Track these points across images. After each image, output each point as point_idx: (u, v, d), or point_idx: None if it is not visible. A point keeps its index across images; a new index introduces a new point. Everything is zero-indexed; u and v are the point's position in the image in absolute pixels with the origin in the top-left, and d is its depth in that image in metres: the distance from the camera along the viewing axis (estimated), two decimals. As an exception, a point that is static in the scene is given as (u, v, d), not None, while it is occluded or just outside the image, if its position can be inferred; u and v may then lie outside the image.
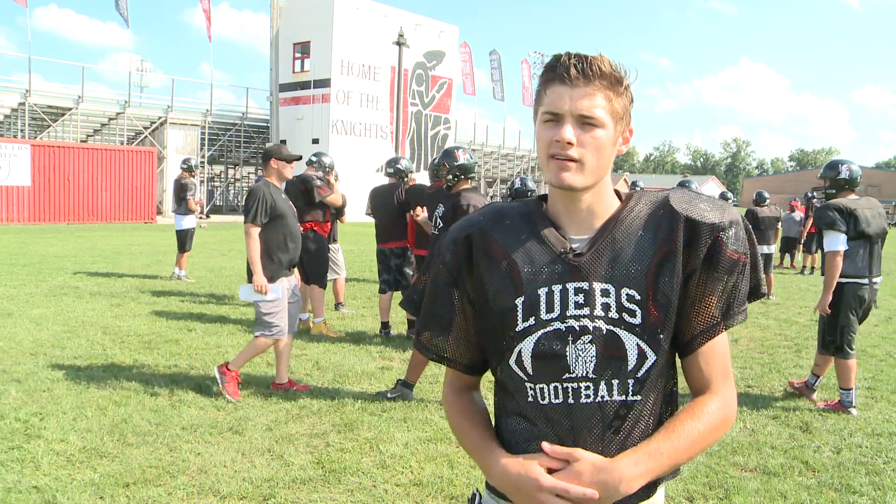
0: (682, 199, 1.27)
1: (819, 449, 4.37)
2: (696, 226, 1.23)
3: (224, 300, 9.28)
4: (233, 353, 6.28)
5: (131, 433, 4.23)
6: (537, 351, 1.23)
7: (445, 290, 1.34)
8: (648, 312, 1.22)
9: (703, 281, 1.25)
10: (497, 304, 1.28)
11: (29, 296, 8.95)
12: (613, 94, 1.22)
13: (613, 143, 1.24)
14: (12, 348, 6.20)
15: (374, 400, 5.07)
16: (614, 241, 1.25)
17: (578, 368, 1.22)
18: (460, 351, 1.37)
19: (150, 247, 16.38)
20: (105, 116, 29.22)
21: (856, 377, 5.25)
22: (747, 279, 1.28)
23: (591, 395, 1.22)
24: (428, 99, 36.91)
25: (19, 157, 23.16)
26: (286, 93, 33.39)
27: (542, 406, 1.25)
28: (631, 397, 1.23)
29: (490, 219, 1.33)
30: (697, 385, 1.29)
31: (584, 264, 1.24)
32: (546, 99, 1.22)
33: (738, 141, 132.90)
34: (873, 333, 8.43)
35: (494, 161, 44.88)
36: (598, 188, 1.26)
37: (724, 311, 1.26)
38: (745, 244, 1.27)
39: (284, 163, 5.18)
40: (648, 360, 1.22)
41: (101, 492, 3.44)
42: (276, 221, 5.04)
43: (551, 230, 1.28)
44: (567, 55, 1.22)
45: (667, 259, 1.23)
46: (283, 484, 3.61)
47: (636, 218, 1.26)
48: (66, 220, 24.12)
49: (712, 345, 1.28)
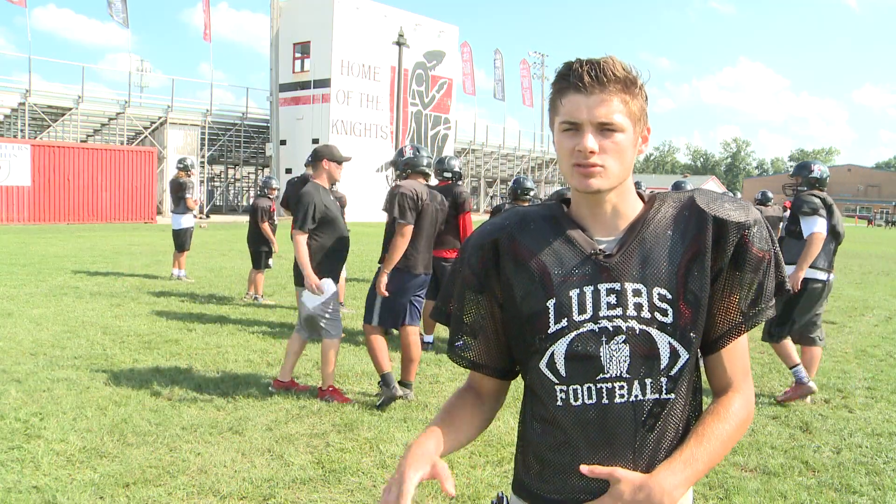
0: (708, 199, 1.29)
1: (819, 449, 4.37)
2: (723, 225, 1.25)
3: (224, 300, 9.29)
4: (233, 353, 6.29)
5: (131, 433, 4.23)
6: (571, 352, 1.24)
7: (473, 296, 1.34)
8: (680, 311, 1.23)
9: (730, 279, 1.27)
10: (526, 307, 1.27)
11: (29, 296, 8.95)
12: (629, 97, 1.22)
13: (634, 145, 1.26)
14: (12, 348, 6.20)
15: (374, 400, 5.07)
16: (643, 241, 1.25)
17: (612, 369, 1.23)
18: (492, 356, 1.36)
19: (150, 247, 16.38)
20: (105, 116, 29.25)
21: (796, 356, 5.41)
22: (772, 276, 1.29)
23: (625, 395, 1.23)
24: (428, 99, 36.93)
25: (19, 157, 23.18)
26: (286, 93, 33.41)
27: (574, 408, 1.25)
28: (664, 395, 1.24)
29: (515, 223, 1.32)
30: (720, 383, 1.31)
31: (615, 265, 1.24)
32: (563, 108, 1.22)
33: (738, 141, 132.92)
34: (873, 333, 8.43)
35: (494, 161, 44.87)
36: (621, 190, 1.27)
37: (750, 307, 1.28)
38: (769, 242, 1.28)
39: (336, 164, 5.14)
40: (681, 358, 1.24)
41: (101, 492, 3.44)
42: (325, 225, 5.01)
43: (578, 232, 1.28)
44: (579, 62, 1.22)
45: (696, 258, 1.24)
46: (283, 484, 3.61)
47: (663, 218, 1.27)
48: (66, 220, 24.13)
49: (736, 343, 1.30)
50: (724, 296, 1.27)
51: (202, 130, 31.13)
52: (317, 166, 5.18)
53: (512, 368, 1.38)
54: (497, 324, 1.34)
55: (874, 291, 12.72)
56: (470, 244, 1.35)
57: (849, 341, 7.86)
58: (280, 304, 9.15)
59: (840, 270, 15.85)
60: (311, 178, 5.24)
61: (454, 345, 1.38)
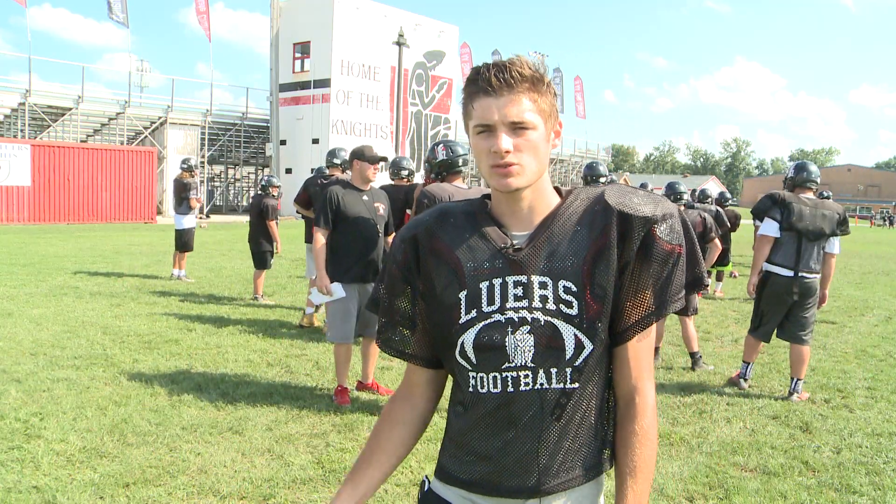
0: (617, 194, 1.32)
1: (819, 449, 4.37)
2: (629, 219, 1.28)
3: (224, 300, 9.29)
4: (233, 353, 6.29)
5: (131, 433, 4.23)
6: (478, 342, 1.28)
7: (401, 288, 1.39)
8: (586, 303, 1.27)
9: (638, 272, 1.29)
10: (445, 298, 1.33)
11: (29, 296, 8.95)
12: (538, 95, 1.25)
13: (547, 140, 1.29)
14: (12, 348, 6.20)
15: (373, 400, 5.07)
16: (552, 235, 1.30)
17: (518, 358, 1.27)
18: (419, 346, 1.41)
19: (150, 247, 16.38)
20: (105, 116, 29.22)
21: (757, 356, 5.88)
22: (683, 270, 1.32)
23: (529, 384, 1.27)
24: (428, 99, 36.92)
25: (19, 157, 23.17)
26: (286, 93, 33.39)
27: (481, 395, 1.30)
28: (569, 385, 1.28)
29: (436, 218, 1.38)
30: (626, 382, 1.33)
31: (523, 258, 1.29)
32: (475, 112, 1.26)
33: (738, 141, 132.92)
34: (873, 333, 8.43)
35: (494, 161, 44.84)
36: (537, 186, 1.31)
37: (657, 299, 1.31)
38: (681, 236, 1.31)
39: (367, 164, 5.08)
40: (586, 349, 1.27)
41: (101, 492, 3.44)
42: (343, 223, 4.99)
43: (494, 228, 1.33)
44: (486, 66, 1.26)
45: (602, 252, 1.28)
46: (283, 484, 3.61)
47: (573, 213, 1.31)
48: (66, 220, 24.12)
49: (644, 336, 1.33)
50: (631, 288, 1.30)
51: (202, 130, 31.10)
52: (352, 166, 5.20)
53: (437, 359, 1.42)
54: (423, 315, 1.39)
55: (874, 291, 12.71)
56: (396, 239, 1.42)
57: (849, 341, 7.86)
58: (280, 304, 9.15)
59: (840, 270, 15.83)
60: (349, 178, 5.23)
61: (385, 335, 1.43)
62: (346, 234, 4.99)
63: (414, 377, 1.45)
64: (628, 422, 1.32)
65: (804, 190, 5.52)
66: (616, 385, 1.35)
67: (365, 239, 5.03)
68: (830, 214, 5.40)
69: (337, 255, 4.99)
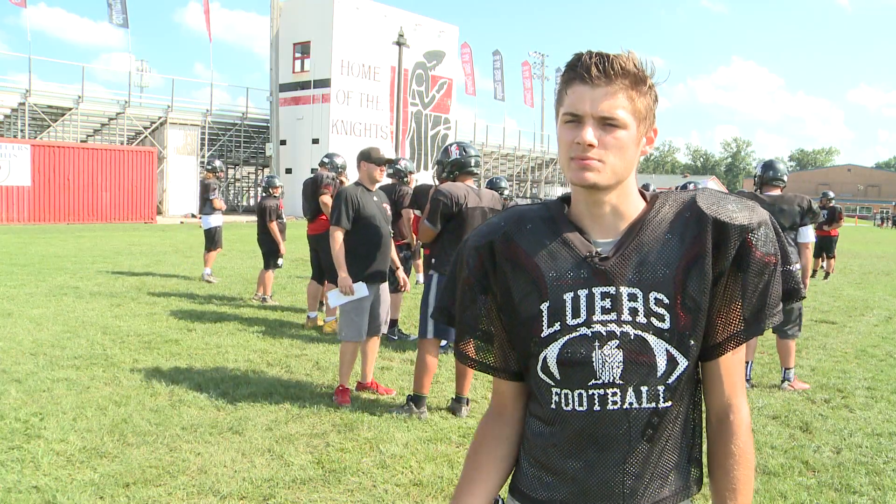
0: (710, 200, 1.23)
1: (819, 449, 4.37)
2: (724, 227, 1.20)
3: (224, 300, 9.28)
4: (233, 353, 6.29)
5: (131, 433, 4.23)
6: (563, 357, 1.21)
7: (475, 297, 1.31)
8: (677, 317, 1.19)
9: (732, 284, 1.22)
10: (523, 310, 1.25)
11: (29, 296, 8.95)
12: (636, 94, 1.19)
13: (636, 144, 1.21)
14: (12, 348, 6.20)
15: (373, 400, 5.07)
16: (641, 244, 1.21)
17: (605, 374, 1.19)
18: (501, 358, 1.33)
19: (150, 247, 16.38)
20: (105, 116, 29.23)
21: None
22: (779, 281, 1.24)
23: (618, 402, 1.19)
24: (428, 99, 36.92)
25: (19, 157, 23.17)
26: (286, 93, 33.40)
27: (565, 413, 1.22)
28: (662, 404, 1.20)
29: (512, 223, 1.29)
30: (719, 399, 1.27)
31: (611, 268, 1.21)
32: (567, 99, 1.19)
33: (738, 141, 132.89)
34: (873, 333, 8.43)
35: (494, 161, 44.86)
36: (621, 189, 1.22)
37: (754, 314, 1.23)
38: (775, 245, 1.23)
39: (374, 165, 5.13)
40: (680, 366, 1.20)
41: (101, 492, 3.44)
42: (360, 224, 5.00)
43: (576, 234, 1.24)
44: (588, 53, 1.18)
45: (695, 262, 1.20)
46: (283, 484, 3.61)
47: (663, 220, 1.23)
48: (66, 220, 24.13)
49: (736, 352, 1.26)
50: (725, 301, 1.22)
51: (202, 130, 31.11)
52: (360, 167, 5.22)
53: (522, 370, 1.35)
54: (503, 325, 1.31)
55: (874, 291, 12.71)
56: (467, 246, 1.32)
57: (849, 341, 7.86)
58: (280, 304, 9.15)
59: (840, 270, 15.86)
60: (358, 180, 5.27)
61: (460, 345, 1.35)
62: (365, 234, 5.02)
63: (502, 389, 1.36)
64: (723, 442, 1.25)
65: (772, 188, 5.67)
66: (708, 402, 1.27)
67: (381, 238, 5.09)
68: (789, 208, 5.49)
69: (357, 255, 4.99)
